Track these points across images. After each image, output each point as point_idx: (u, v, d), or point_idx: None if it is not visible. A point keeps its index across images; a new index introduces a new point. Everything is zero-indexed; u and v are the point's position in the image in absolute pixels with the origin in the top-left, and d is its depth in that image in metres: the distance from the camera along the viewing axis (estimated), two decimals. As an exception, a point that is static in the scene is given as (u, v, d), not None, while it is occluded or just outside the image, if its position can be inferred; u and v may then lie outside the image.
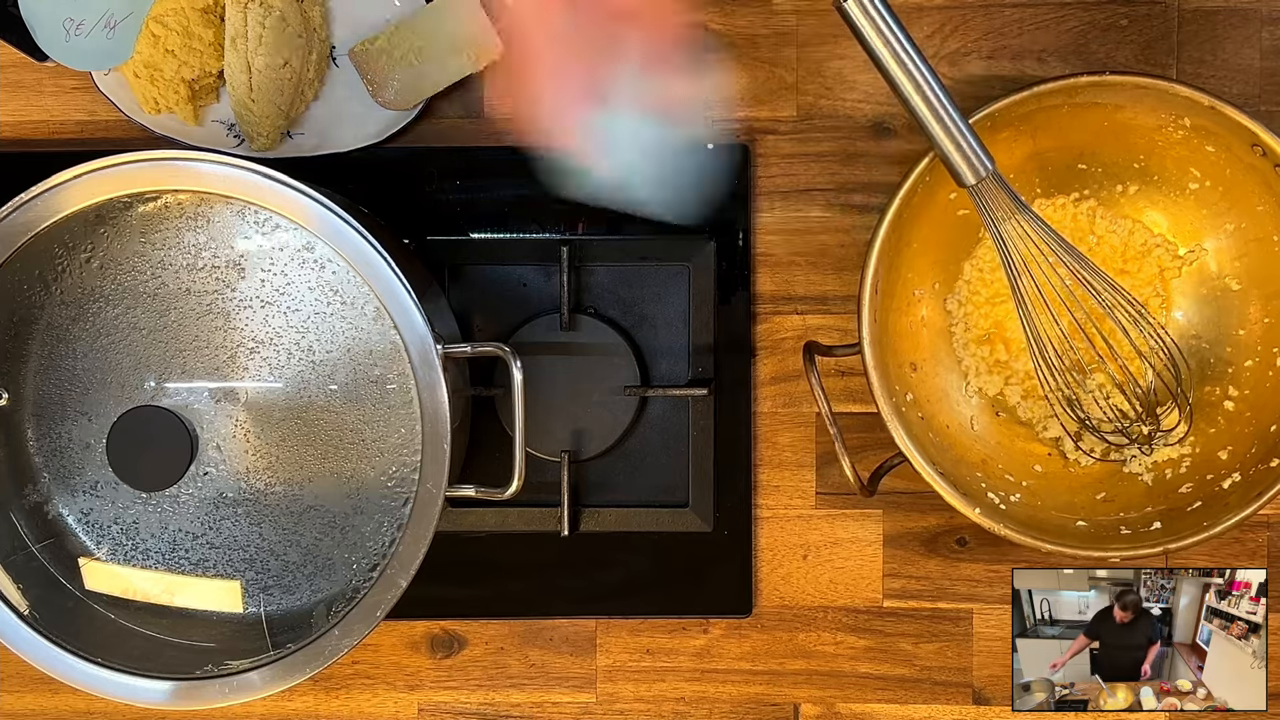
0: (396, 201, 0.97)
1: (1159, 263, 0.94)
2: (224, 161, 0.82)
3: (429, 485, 0.83)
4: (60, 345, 0.88)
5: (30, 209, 0.83)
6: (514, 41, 0.85)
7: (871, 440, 0.95)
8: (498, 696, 0.99)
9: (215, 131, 0.97)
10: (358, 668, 0.99)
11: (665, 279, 0.97)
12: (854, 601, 0.98)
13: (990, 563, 0.98)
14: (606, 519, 0.98)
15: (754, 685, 0.98)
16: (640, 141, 0.87)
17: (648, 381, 0.97)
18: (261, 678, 0.84)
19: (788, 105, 0.97)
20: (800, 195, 0.97)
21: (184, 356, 0.87)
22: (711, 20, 0.97)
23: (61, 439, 0.89)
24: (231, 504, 0.88)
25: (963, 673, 0.98)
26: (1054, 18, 0.96)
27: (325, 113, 0.97)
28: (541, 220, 0.97)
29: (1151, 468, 0.93)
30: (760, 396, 0.98)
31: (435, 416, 0.82)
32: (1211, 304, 0.94)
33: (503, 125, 0.98)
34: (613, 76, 0.82)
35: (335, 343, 0.87)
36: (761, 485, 0.98)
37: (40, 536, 0.89)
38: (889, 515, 0.98)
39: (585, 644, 0.99)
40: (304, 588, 0.89)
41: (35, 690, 0.99)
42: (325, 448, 0.87)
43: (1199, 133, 0.87)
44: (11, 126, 0.99)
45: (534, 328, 0.97)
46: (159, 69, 0.93)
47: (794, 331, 0.98)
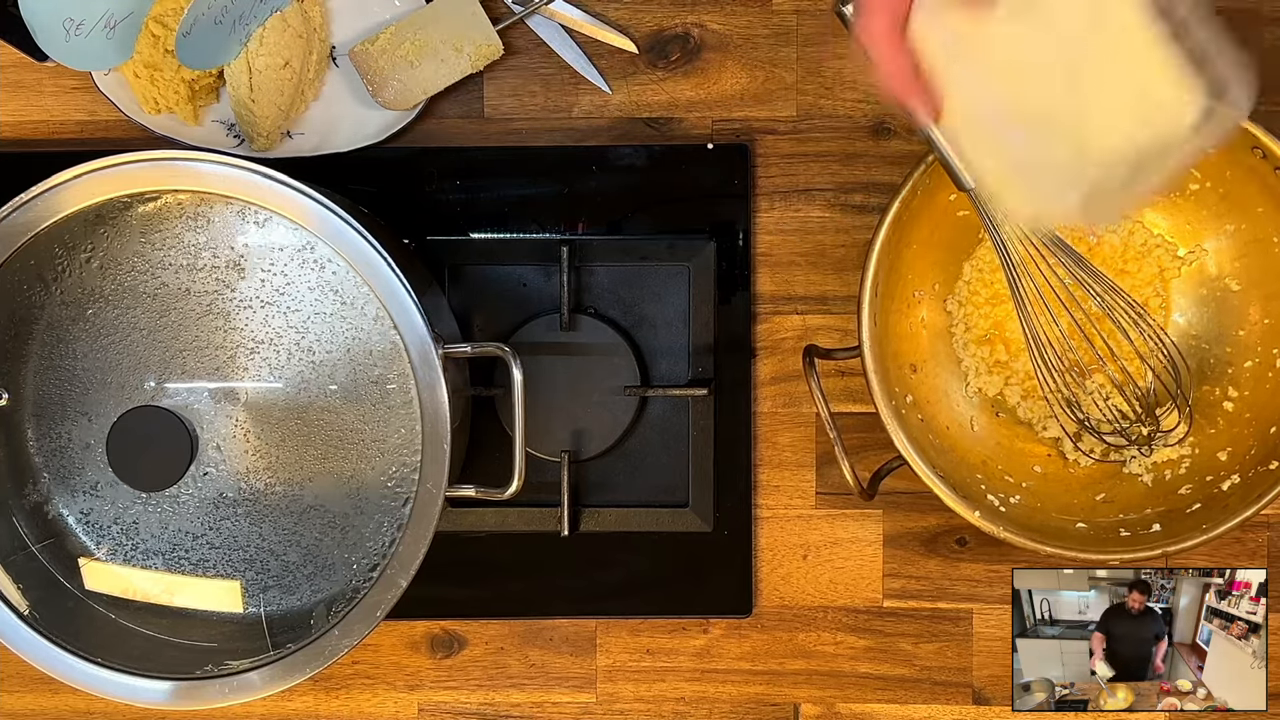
0: (396, 201, 0.97)
1: (1159, 263, 0.94)
2: (224, 161, 0.82)
3: (429, 485, 0.83)
4: (60, 345, 0.88)
5: (30, 209, 0.83)
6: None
7: (872, 440, 0.95)
8: (498, 696, 0.99)
9: (215, 131, 0.97)
10: (358, 668, 0.99)
11: (665, 279, 0.97)
12: (854, 601, 0.98)
13: (990, 563, 0.98)
14: (606, 519, 0.98)
15: (754, 685, 0.98)
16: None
17: (648, 381, 0.97)
18: (261, 678, 0.84)
19: (788, 105, 0.97)
20: (800, 195, 0.97)
21: (184, 356, 0.87)
22: (711, 20, 0.97)
23: (61, 439, 0.89)
24: (231, 504, 0.88)
25: (963, 673, 0.98)
26: (1054, 18, 0.96)
27: (325, 113, 0.97)
28: (541, 220, 0.97)
29: (1151, 469, 0.93)
30: (760, 396, 0.98)
31: (435, 416, 0.82)
32: (1211, 305, 0.94)
33: (503, 125, 0.98)
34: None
35: (335, 343, 0.87)
36: (761, 485, 0.98)
37: (40, 536, 0.89)
38: (889, 515, 0.98)
39: (585, 644, 0.99)
40: (304, 588, 0.89)
41: (35, 690, 0.99)
42: (325, 448, 0.87)
43: (1199, 134, 0.87)
44: (11, 126, 0.99)
45: (534, 328, 0.97)
46: (159, 69, 0.93)
47: (794, 331, 0.98)
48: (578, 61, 0.97)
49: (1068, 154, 0.69)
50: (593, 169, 0.97)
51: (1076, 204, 0.70)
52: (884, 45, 0.67)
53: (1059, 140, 0.69)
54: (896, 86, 0.68)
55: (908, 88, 0.69)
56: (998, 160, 0.73)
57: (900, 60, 0.67)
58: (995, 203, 0.75)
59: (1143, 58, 0.68)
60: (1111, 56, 0.68)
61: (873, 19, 0.66)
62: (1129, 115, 0.69)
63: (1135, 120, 0.69)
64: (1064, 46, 0.68)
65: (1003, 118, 0.70)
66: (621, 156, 0.97)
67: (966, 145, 0.74)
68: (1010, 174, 0.72)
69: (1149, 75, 0.68)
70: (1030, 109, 0.69)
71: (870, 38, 0.67)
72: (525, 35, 0.98)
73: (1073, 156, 0.69)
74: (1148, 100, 0.68)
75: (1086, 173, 0.69)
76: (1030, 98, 0.69)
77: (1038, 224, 0.77)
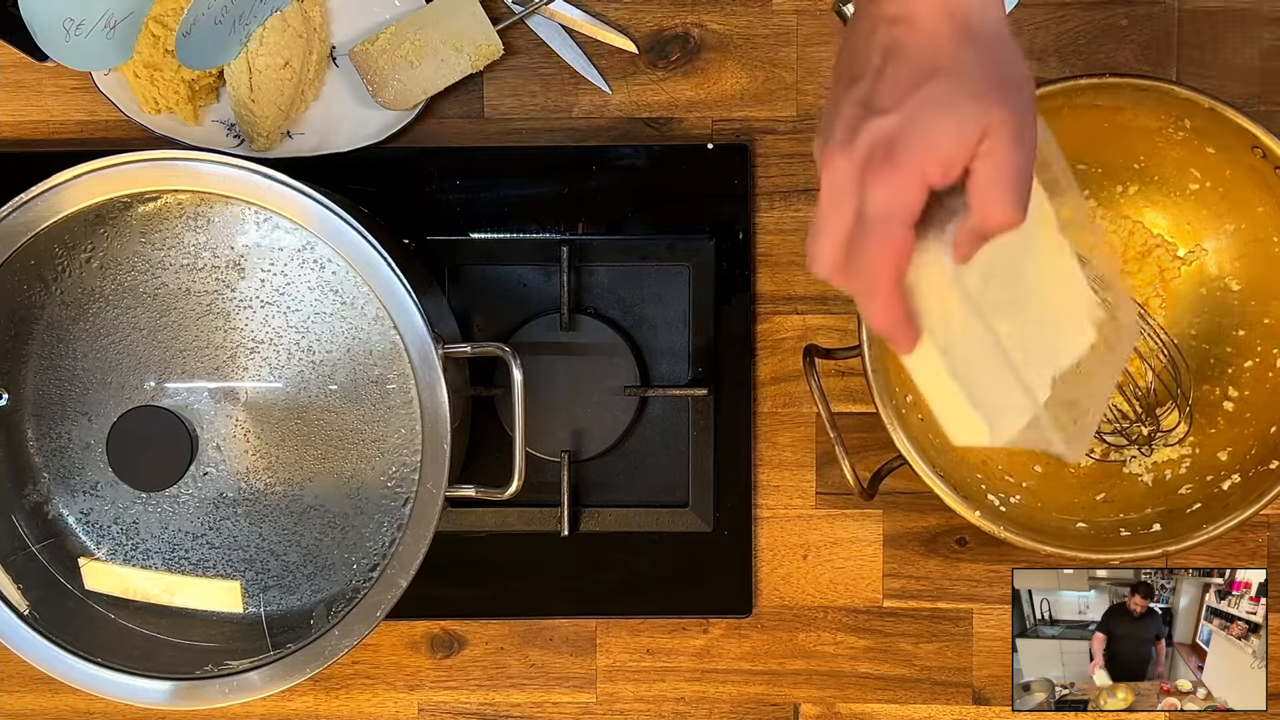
0: (396, 201, 0.97)
1: (1159, 263, 0.94)
2: (224, 161, 0.82)
3: (429, 485, 0.83)
4: (60, 345, 0.88)
5: (30, 209, 0.83)
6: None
7: (872, 440, 0.95)
8: (498, 696, 0.99)
9: (215, 131, 0.97)
10: (358, 668, 0.99)
11: (665, 279, 0.97)
12: (854, 601, 0.98)
13: (990, 563, 0.98)
14: (606, 519, 0.98)
15: (754, 685, 0.98)
16: None
17: (648, 381, 0.97)
18: (261, 678, 0.84)
19: (788, 105, 0.97)
20: (800, 195, 0.97)
21: (184, 356, 0.87)
22: (711, 20, 0.97)
23: (61, 439, 0.89)
24: (231, 504, 0.88)
25: (963, 673, 0.98)
26: (1053, 18, 0.96)
27: (325, 113, 0.97)
28: (541, 220, 0.97)
29: (1151, 468, 0.93)
30: (760, 396, 0.98)
31: (435, 416, 0.82)
32: (1211, 304, 0.94)
33: (503, 125, 0.98)
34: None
35: (335, 343, 0.87)
36: (761, 485, 0.98)
37: (40, 536, 0.89)
38: (889, 515, 0.98)
39: (585, 644, 0.99)
40: (304, 588, 0.89)
41: (35, 690, 0.99)
42: (325, 448, 0.87)
43: (1199, 134, 0.87)
44: (11, 126, 0.99)
45: (534, 328, 0.97)
46: (159, 69, 0.93)
47: (794, 331, 0.98)
48: (578, 61, 0.97)
49: (1019, 383, 0.67)
50: (593, 169, 0.97)
51: (1020, 430, 0.69)
52: (884, 289, 0.63)
53: (1012, 369, 0.68)
54: (887, 327, 0.65)
55: (901, 330, 0.67)
56: (948, 387, 0.72)
57: (896, 304, 0.65)
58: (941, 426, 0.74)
59: (1070, 279, 0.71)
60: (1051, 281, 0.70)
61: (879, 267, 0.62)
62: (1064, 335, 0.71)
63: (1069, 340, 0.71)
64: (1012, 276, 0.68)
65: (969, 349, 0.69)
66: (621, 156, 0.97)
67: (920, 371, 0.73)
68: (958, 401, 0.72)
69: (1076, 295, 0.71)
70: (985, 342, 0.68)
71: (872, 285, 0.63)
72: (525, 35, 0.98)
73: (1023, 385, 0.67)
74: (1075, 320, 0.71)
75: (1035, 400, 0.68)
76: (983, 331, 0.68)
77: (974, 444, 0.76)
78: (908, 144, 0.61)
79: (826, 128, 0.63)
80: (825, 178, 0.63)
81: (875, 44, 0.63)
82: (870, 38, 0.63)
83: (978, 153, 0.61)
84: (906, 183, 0.61)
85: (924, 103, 0.61)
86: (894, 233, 0.61)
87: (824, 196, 0.63)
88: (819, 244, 0.63)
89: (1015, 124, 0.61)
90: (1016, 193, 0.61)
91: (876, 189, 0.61)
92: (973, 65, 0.61)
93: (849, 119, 0.62)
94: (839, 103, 0.63)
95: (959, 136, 0.60)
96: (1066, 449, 0.68)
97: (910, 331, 0.65)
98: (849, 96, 0.63)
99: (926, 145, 0.60)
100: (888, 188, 0.61)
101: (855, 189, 0.62)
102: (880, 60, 0.62)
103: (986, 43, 0.62)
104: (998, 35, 0.63)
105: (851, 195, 0.62)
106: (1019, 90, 0.62)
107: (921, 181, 0.61)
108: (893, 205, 0.61)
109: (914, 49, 0.62)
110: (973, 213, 0.62)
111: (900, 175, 0.61)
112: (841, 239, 0.63)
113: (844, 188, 0.62)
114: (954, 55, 0.62)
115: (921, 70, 0.61)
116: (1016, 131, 0.61)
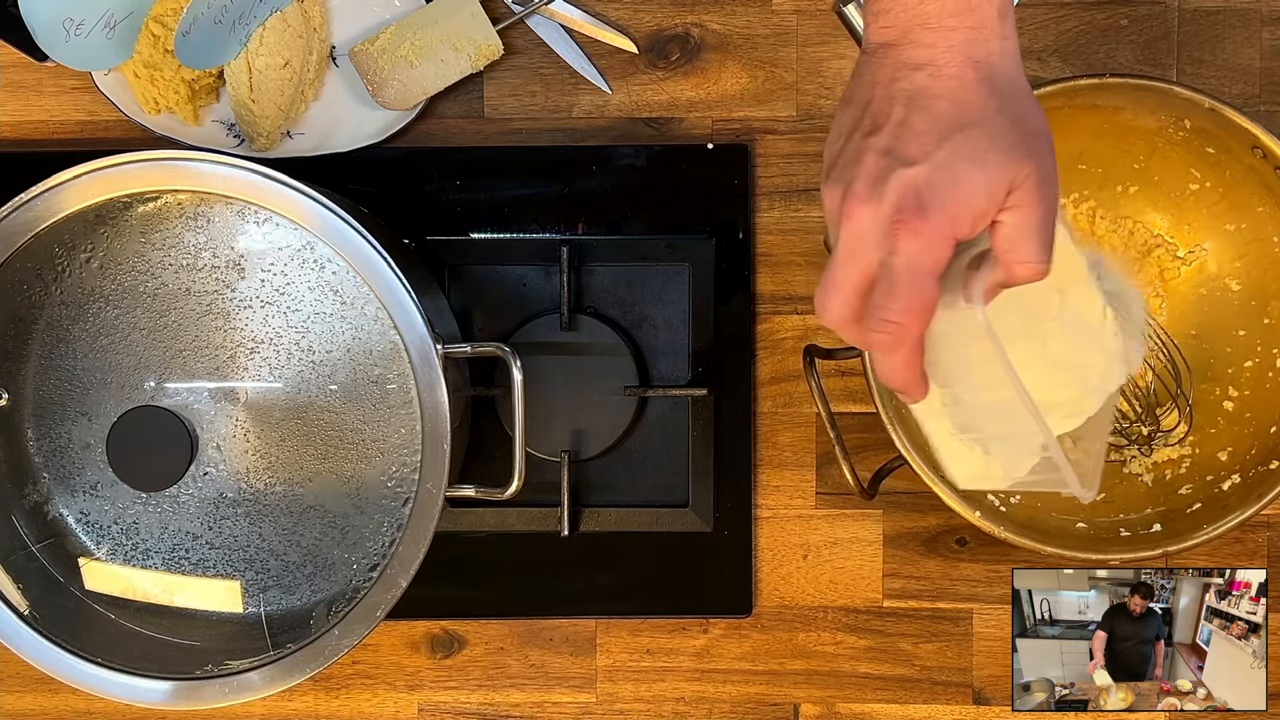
0: (396, 201, 0.97)
1: (1159, 263, 0.94)
2: (224, 161, 0.82)
3: (429, 485, 0.83)
4: (60, 345, 0.88)
5: (30, 209, 0.83)
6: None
7: (872, 440, 0.95)
8: (498, 696, 0.99)
9: (215, 131, 0.97)
10: (358, 668, 0.99)
11: (665, 279, 0.97)
12: (854, 601, 0.98)
13: (990, 563, 0.98)
14: (606, 519, 0.98)
15: (754, 685, 0.98)
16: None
17: (648, 381, 0.97)
18: (261, 678, 0.84)
19: (788, 105, 0.97)
20: (800, 195, 0.97)
21: (184, 356, 0.87)
22: (711, 20, 0.97)
23: (61, 439, 0.89)
24: (231, 504, 0.88)
25: (963, 673, 0.98)
26: (1053, 18, 0.96)
27: (325, 113, 0.97)
28: (541, 220, 0.97)
29: (1151, 469, 0.93)
30: (760, 396, 0.98)
31: (435, 416, 0.82)
32: (1211, 304, 0.94)
33: (503, 125, 0.98)
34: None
35: (335, 343, 0.87)
36: (761, 485, 0.98)
37: (40, 536, 0.89)
38: (889, 515, 0.98)
39: (585, 644, 0.99)
40: (304, 588, 0.89)
41: (35, 690, 0.99)
42: (325, 448, 0.87)
43: (1199, 134, 0.87)
44: (11, 126, 0.99)
45: (534, 328, 0.97)
46: (159, 69, 0.93)
47: (794, 331, 0.98)
48: (578, 61, 0.97)
49: (1037, 427, 0.66)
50: (593, 169, 0.97)
51: (1025, 474, 0.69)
52: (909, 344, 0.61)
53: (1022, 416, 0.66)
54: (903, 382, 0.63)
55: (916, 384, 0.64)
56: (955, 434, 0.71)
57: (918, 359, 0.62)
58: (944, 469, 0.73)
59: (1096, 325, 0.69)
60: (1076, 327, 0.69)
61: (906, 321, 0.60)
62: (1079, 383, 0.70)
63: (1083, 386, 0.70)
64: (1033, 326, 0.67)
65: (980, 400, 0.68)
66: (621, 156, 0.97)
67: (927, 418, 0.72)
68: (966, 447, 0.71)
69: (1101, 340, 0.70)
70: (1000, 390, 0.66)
71: (896, 340, 0.61)
72: (525, 35, 0.98)
73: (1041, 429, 0.66)
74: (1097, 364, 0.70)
75: (1051, 441, 0.66)
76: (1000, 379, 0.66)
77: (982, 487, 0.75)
78: (938, 197, 0.59)
79: (843, 176, 0.62)
80: (845, 229, 0.61)
81: (898, 91, 0.61)
82: (891, 85, 0.62)
83: (1004, 205, 0.60)
84: (937, 236, 0.59)
85: (953, 155, 0.60)
86: (923, 287, 0.60)
87: (842, 248, 0.61)
88: (834, 296, 0.62)
89: (1039, 176, 0.60)
90: (1043, 245, 0.60)
91: (906, 241, 0.59)
92: (998, 117, 0.60)
93: (873, 169, 0.61)
94: (860, 152, 0.61)
95: (989, 190, 0.59)
96: (1080, 487, 0.67)
97: (924, 384, 0.64)
98: (871, 145, 0.61)
99: (960, 200, 0.59)
100: (918, 241, 0.59)
101: (879, 241, 0.60)
102: (904, 110, 0.61)
103: (1009, 93, 0.61)
104: (1018, 85, 0.62)
105: (875, 248, 0.60)
106: (1041, 140, 0.61)
107: (952, 235, 0.59)
108: (924, 259, 0.59)
109: (939, 98, 0.61)
110: (1000, 265, 0.61)
111: (931, 228, 0.59)
112: (858, 291, 0.61)
113: (867, 240, 0.61)
114: (980, 107, 0.61)
115: (948, 121, 0.60)
116: (1041, 183, 0.60)
